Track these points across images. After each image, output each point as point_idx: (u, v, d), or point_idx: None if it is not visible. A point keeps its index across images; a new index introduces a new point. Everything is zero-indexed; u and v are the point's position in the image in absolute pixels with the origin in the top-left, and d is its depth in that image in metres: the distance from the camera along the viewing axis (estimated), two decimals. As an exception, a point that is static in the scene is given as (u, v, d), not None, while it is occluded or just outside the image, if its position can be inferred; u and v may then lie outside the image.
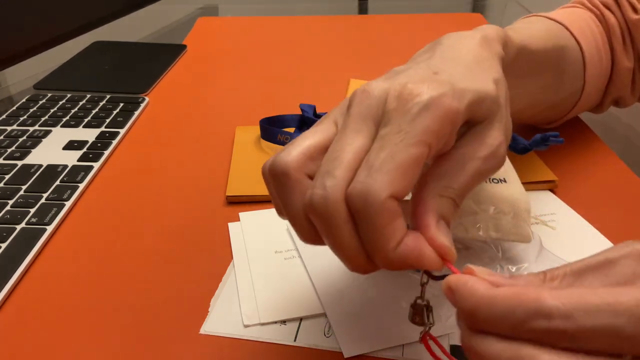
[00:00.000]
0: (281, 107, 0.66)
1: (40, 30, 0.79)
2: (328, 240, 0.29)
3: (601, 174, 0.55)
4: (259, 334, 0.37)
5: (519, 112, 0.52)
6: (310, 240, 0.30)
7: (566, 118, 0.58)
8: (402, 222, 0.27)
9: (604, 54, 0.55)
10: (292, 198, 0.29)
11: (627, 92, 0.57)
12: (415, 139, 0.27)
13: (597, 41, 0.54)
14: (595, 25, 0.55)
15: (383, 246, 0.27)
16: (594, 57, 0.54)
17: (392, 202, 0.27)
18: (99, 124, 0.66)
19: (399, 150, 0.27)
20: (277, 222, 0.48)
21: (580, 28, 0.54)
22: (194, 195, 0.53)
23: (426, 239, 0.28)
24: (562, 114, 0.57)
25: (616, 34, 0.55)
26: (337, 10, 1.38)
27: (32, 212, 0.49)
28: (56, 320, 0.39)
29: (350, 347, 0.36)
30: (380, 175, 0.27)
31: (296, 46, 0.95)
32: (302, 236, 0.30)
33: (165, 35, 1.16)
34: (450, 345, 0.36)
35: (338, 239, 0.28)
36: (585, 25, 0.55)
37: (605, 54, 0.55)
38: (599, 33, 0.55)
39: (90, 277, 0.43)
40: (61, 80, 0.81)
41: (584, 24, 0.55)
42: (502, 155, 0.31)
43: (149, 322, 0.39)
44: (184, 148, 0.62)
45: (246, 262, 0.44)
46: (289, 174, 0.29)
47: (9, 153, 0.59)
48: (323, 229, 0.28)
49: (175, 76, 0.83)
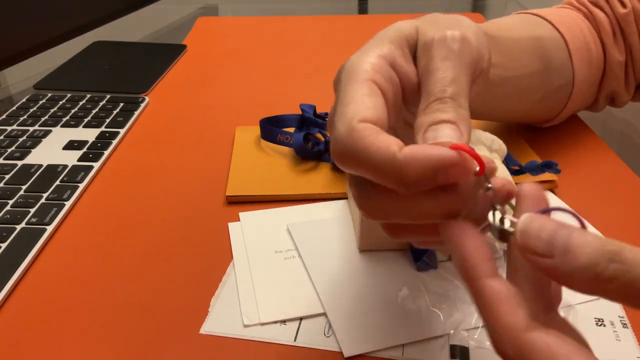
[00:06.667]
0: (281, 107, 0.66)
1: (40, 30, 0.79)
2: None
3: (601, 173, 0.55)
4: (259, 334, 0.37)
5: (510, 107, 0.52)
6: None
7: (562, 115, 0.58)
8: (387, 135, 0.26)
9: (593, 47, 0.55)
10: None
11: (620, 87, 0.57)
12: (352, 81, 0.28)
13: (584, 34, 0.55)
14: (582, 21, 0.56)
15: (381, 158, 0.25)
16: (581, 49, 0.54)
17: (364, 124, 0.26)
18: (99, 124, 0.66)
19: (342, 97, 0.28)
20: (277, 222, 0.48)
21: (564, 22, 0.55)
22: (194, 195, 0.53)
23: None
24: (556, 110, 0.57)
25: (605, 28, 0.55)
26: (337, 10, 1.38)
27: (32, 212, 0.49)
28: (56, 320, 0.39)
29: (350, 347, 0.36)
30: (340, 118, 0.26)
31: (296, 46, 0.95)
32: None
33: (165, 35, 1.16)
34: (450, 345, 0.36)
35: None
36: (570, 20, 0.56)
37: (596, 47, 0.55)
38: (587, 29, 0.56)
39: (90, 277, 0.43)
40: (61, 80, 0.81)
41: (569, 19, 0.56)
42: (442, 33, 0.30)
43: (149, 322, 0.39)
44: (184, 148, 0.62)
45: (246, 262, 0.44)
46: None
47: (9, 153, 0.59)
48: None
49: (175, 76, 0.83)
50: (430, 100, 0.28)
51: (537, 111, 0.56)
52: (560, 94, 0.55)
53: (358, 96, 0.27)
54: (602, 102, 0.59)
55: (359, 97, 0.27)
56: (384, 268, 0.43)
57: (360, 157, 0.25)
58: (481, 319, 0.24)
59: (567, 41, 0.54)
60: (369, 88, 0.28)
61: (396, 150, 0.24)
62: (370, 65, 0.29)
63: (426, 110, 0.27)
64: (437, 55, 0.29)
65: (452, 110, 0.27)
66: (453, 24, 0.30)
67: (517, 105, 0.52)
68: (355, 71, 0.29)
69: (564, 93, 0.55)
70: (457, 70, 0.28)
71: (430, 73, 0.28)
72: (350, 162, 0.26)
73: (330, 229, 0.47)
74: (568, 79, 0.54)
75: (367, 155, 0.25)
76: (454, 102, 0.27)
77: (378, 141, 0.25)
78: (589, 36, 0.55)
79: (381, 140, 0.25)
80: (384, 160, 0.24)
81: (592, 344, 0.25)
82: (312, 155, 0.56)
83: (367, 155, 0.25)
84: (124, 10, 0.97)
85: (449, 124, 0.27)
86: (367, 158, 0.25)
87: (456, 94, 0.28)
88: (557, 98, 0.55)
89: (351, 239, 0.46)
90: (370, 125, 0.26)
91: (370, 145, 0.25)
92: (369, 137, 0.25)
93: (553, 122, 0.59)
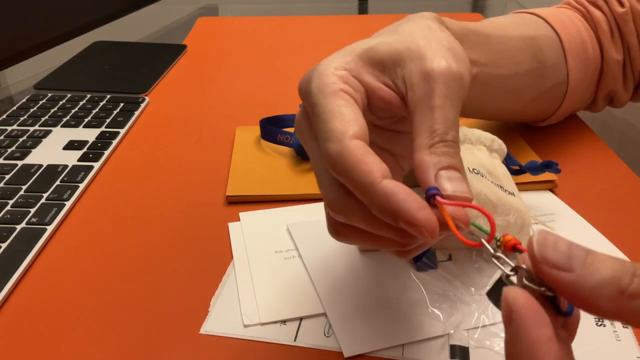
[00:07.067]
0: (281, 107, 0.66)
1: (40, 30, 0.79)
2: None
3: (601, 173, 0.55)
4: (259, 334, 0.37)
5: (504, 105, 0.52)
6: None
7: (558, 115, 0.58)
8: (375, 158, 0.27)
9: (590, 46, 0.55)
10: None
11: (619, 86, 0.57)
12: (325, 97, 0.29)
13: (580, 33, 0.55)
14: (579, 21, 0.56)
15: (364, 182, 0.27)
16: (577, 48, 0.55)
17: (351, 142, 0.27)
18: (99, 124, 0.66)
19: (320, 112, 0.29)
20: (277, 222, 0.48)
21: (560, 21, 0.55)
22: (194, 195, 0.53)
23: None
24: (551, 109, 0.57)
25: (602, 27, 0.55)
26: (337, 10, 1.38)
27: (32, 212, 0.49)
28: (56, 320, 0.39)
29: (350, 347, 0.36)
30: (326, 133, 0.28)
31: (296, 46, 0.95)
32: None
33: (165, 35, 1.16)
34: (450, 345, 0.36)
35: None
36: (567, 19, 0.56)
37: (593, 47, 0.55)
38: (584, 28, 0.56)
39: (90, 276, 0.43)
40: (61, 80, 0.81)
41: (565, 18, 0.56)
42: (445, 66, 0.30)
43: (149, 322, 0.39)
44: (184, 148, 0.62)
45: (246, 262, 0.44)
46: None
47: (9, 153, 0.59)
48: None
49: (175, 76, 0.83)
50: (434, 139, 0.28)
51: (532, 110, 0.56)
52: (555, 93, 0.55)
53: (338, 109, 0.29)
54: (600, 102, 0.60)
55: (339, 110, 0.29)
56: (384, 268, 0.43)
57: (348, 174, 0.27)
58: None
59: (563, 40, 0.54)
60: (344, 99, 0.29)
61: (376, 179, 0.26)
62: (338, 77, 0.30)
63: (432, 150, 0.28)
64: (438, 91, 0.29)
65: (457, 157, 0.29)
66: (444, 47, 0.31)
67: (511, 103, 0.53)
68: (325, 83, 0.30)
69: (559, 92, 0.55)
70: (455, 111, 0.30)
71: (431, 108, 0.29)
72: (340, 175, 0.28)
73: (330, 229, 0.47)
74: (562, 78, 0.54)
75: (353, 174, 0.27)
76: (456, 146, 0.29)
77: (364, 163, 0.27)
78: (586, 35, 0.55)
79: (367, 162, 0.27)
80: (365, 183, 0.27)
81: (592, 344, 0.24)
82: (312, 155, 0.56)
83: (353, 173, 0.27)
84: (124, 10, 0.97)
85: (455, 171, 0.28)
86: (353, 176, 0.27)
87: (456, 138, 0.29)
88: (552, 97, 0.55)
89: (351, 239, 0.46)
90: (360, 144, 0.28)
91: (357, 165, 0.27)
92: (357, 156, 0.27)
93: (549, 121, 0.59)
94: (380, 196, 0.26)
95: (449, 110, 0.29)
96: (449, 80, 0.30)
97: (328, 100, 0.29)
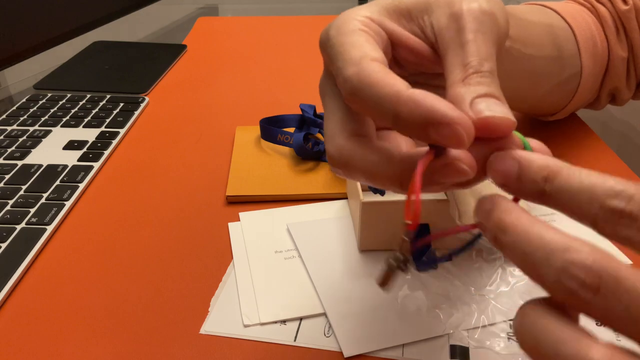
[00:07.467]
0: (281, 107, 0.66)
1: (40, 30, 0.79)
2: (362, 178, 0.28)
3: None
4: (259, 334, 0.37)
5: (523, 90, 0.52)
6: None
7: (567, 110, 0.58)
8: (393, 76, 0.25)
9: (599, 41, 0.55)
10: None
11: (622, 83, 0.57)
12: (343, 36, 0.28)
13: (590, 28, 0.55)
14: (587, 16, 0.56)
15: (387, 94, 0.24)
16: (589, 41, 0.55)
17: (369, 63, 0.26)
18: (99, 124, 0.66)
19: (338, 46, 0.28)
20: (277, 222, 0.48)
21: (571, 14, 0.55)
22: (194, 195, 0.53)
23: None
24: (563, 102, 0.57)
25: (608, 24, 0.55)
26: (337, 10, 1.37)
27: (32, 212, 0.49)
28: (56, 320, 0.39)
29: (350, 347, 0.36)
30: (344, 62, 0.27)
31: (296, 46, 0.95)
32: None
33: (165, 35, 1.16)
34: (450, 345, 0.36)
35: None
36: (577, 13, 0.56)
37: (601, 42, 0.55)
38: (593, 23, 0.56)
39: (90, 277, 0.43)
40: (61, 80, 0.81)
41: (575, 12, 0.56)
42: (476, 5, 0.29)
43: (149, 322, 0.39)
44: (184, 148, 0.62)
45: (246, 262, 0.44)
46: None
47: (9, 153, 0.59)
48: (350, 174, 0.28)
49: (175, 76, 0.83)
50: (468, 71, 0.27)
51: (547, 100, 0.56)
52: (570, 85, 0.55)
53: (358, 42, 0.27)
54: (603, 99, 0.59)
55: (360, 43, 0.27)
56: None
57: (369, 90, 0.25)
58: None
59: (576, 33, 0.54)
60: (365, 37, 0.28)
61: (402, 89, 0.24)
62: (359, 21, 0.29)
63: (466, 81, 0.26)
64: (469, 27, 0.28)
65: (494, 85, 0.27)
66: None
67: (533, 90, 0.52)
68: (347, 26, 0.29)
69: (573, 84, 0.55)
70: (490, 45, 0.28)
71: (462, 44, 0.28)
72: (357, 100, 0.26)
73: (330, 229, 0.47)
74: (577, 70, 0.54)
75: (376, 88, 0.25)
76: (493, 77, 0.27)
77: (386, 78, 0.25)
78: (595, 31, 0.55)
79: (390, 77, 0.25)
80: (389, 94, 0.24)
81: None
82: (312, 155, 0.56)
83: (375, 88, 0.25)
84: (124, 10, 0.97)
85: (494, 99, 0.26)
86: (375, 91, 0.25)
87: (493, 69, 0.27)
88: (567, 89, 0.55)
89: (351, 239, 0.46)
90: (380, 65, 0.26)
91: (379, 80, 0.25)
92: (378, 73, 0.25)
93: (557, 115, 0.59)
94: (408, 103, 0.24)
95: (482, 43, 0.27)
96: (479, 16, 0.28)
97: (346, 37, 0.28)
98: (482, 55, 0.27)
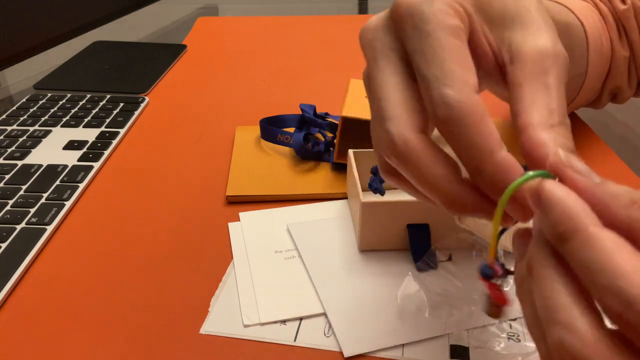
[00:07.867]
0: (281, 107, 0.66)
1: (40, 30, 0.79)
2: (414, 180, 0.27)
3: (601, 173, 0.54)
4: (259, 334, 0.37)
5: None
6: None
7: (570, 108, 0.58)
8: (491, 121, 0.25)
9: (604, 39, 0.55)
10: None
11: (624, 82, 0.57)
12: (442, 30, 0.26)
13: (598, 27, 0.55)
14: (595, 14, 0.56)
15: (482, 146, 0.24)
16: (597, 41, 0.54)
17: (474, 96, 0.25)
18: (99, 124, 0.66)
19: (437, 46, 0.26)
20: (277, 222, 0.48)
21: (582, 12, 0.55)
22: (194, 195, 0.53)
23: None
24: (567, 100, 0.57)
25: (610, 22, 0.55)
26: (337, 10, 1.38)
27: (32, 212, 0.49)
28: (56, 320, 0.39)
29: (350, 347, 0.36)
30: (444, 74, 0.25)
31: (296, 46, 0.95)
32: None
33: (165, 35, 1.16)
34: (450, 345, 0.36)
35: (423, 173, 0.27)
36: (586, 11, 0.55)
37: (606, 40, 0.55)
38: (599, 21, 0.55)
39: (90, 277, 0.43)
40: (61, 80, 0.81)
41: (585, 10, 0.55)
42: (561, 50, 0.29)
43: (149, 322, 0.39)
44: (184, 148, 0.62)
45: (246, 262, 0.44)
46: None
47: (9, 153, 0.59)
48: (406, 170, 0.27)
49: (175, 76, 0.83)
50: (555, 120, 0.27)
51: None
52: (573, 85, 0.55)
53: (458, 49, 0.26)
54: (605, 98, 0.59)
55: (458, 50, 0.26)
56: (384, 268, 0.43)
57: (464, 130, 0.25)
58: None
59: (587, 32, 0.53)
60: (461, 40, 0.27)
61: (496, 147, 0.25)
62: (454, 10, 0.28)
63: (553, 129, 0.26)
64: (555, 73, 0.28)
65: (573, 143, 0.27)
66: (552, 27, 0.29)
67: None
68: (441, 10, 0.27)
69: (577, 84, 0.55)
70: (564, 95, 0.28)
71: (547, 86, 0.28)
72: (450, 127, 0.25)
73: (330, 229, 0.47)
74: (582, 70, 0.54)
75: (471, 132, 0.25)
76: (571, 135, 0.27)
77: (485, 125, 0.25)
78: (601, 29, 0.55)
79: (488, 124, 0.25)
80: (483, 147, 0.25)
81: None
82: (312, 155, 0.56)
83: (471, 132, 0.25)
84: (124, 10, 0.97)
85: (575, 155, 0.27)
86: (469, 135, 0.25)
87: (569, 124, 0.27)
88: (570, 88, 0.55)
89: (351, 239, 0.46)
90: (480, 101, 0.25)
91: (477, 125, 0.25)
92: (479, 114, 0.25)
93: None
94: (497, 167, 0.24)
95: (563, 95, 0.28)
96: (563, 65, 0.28)
97: (447, 35, 0.27)
98: (564, 107, 0.27)
